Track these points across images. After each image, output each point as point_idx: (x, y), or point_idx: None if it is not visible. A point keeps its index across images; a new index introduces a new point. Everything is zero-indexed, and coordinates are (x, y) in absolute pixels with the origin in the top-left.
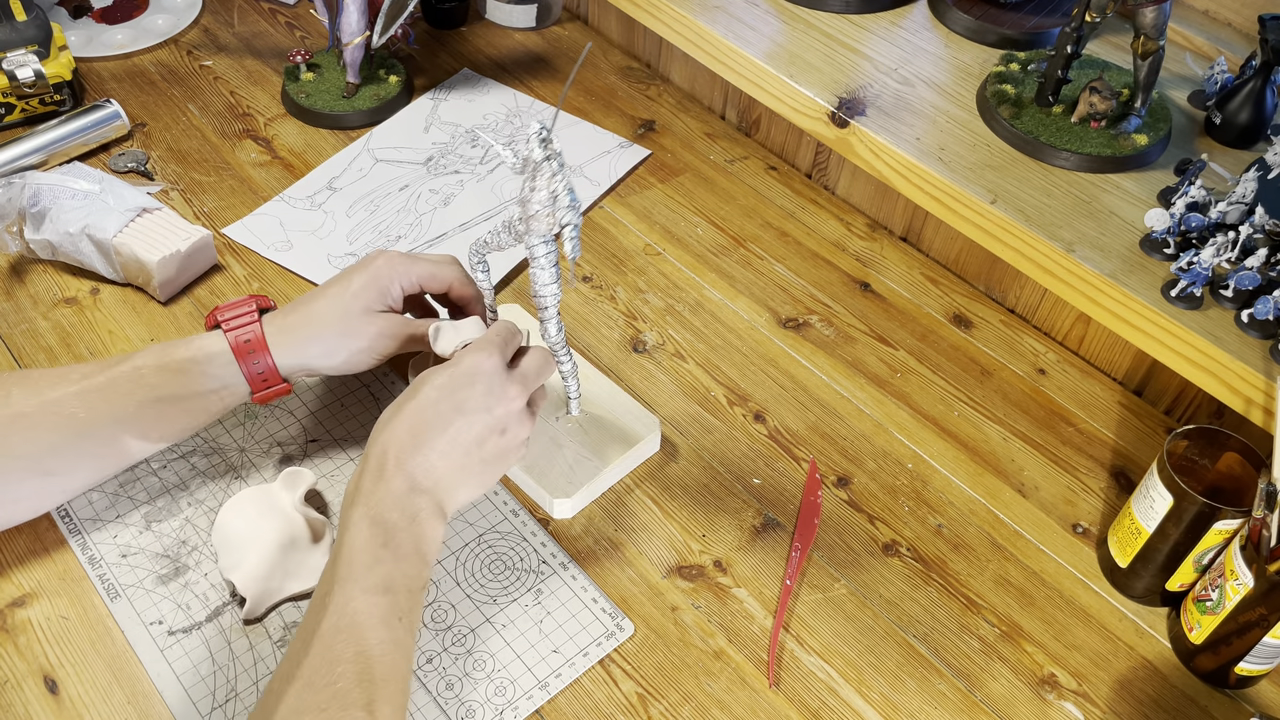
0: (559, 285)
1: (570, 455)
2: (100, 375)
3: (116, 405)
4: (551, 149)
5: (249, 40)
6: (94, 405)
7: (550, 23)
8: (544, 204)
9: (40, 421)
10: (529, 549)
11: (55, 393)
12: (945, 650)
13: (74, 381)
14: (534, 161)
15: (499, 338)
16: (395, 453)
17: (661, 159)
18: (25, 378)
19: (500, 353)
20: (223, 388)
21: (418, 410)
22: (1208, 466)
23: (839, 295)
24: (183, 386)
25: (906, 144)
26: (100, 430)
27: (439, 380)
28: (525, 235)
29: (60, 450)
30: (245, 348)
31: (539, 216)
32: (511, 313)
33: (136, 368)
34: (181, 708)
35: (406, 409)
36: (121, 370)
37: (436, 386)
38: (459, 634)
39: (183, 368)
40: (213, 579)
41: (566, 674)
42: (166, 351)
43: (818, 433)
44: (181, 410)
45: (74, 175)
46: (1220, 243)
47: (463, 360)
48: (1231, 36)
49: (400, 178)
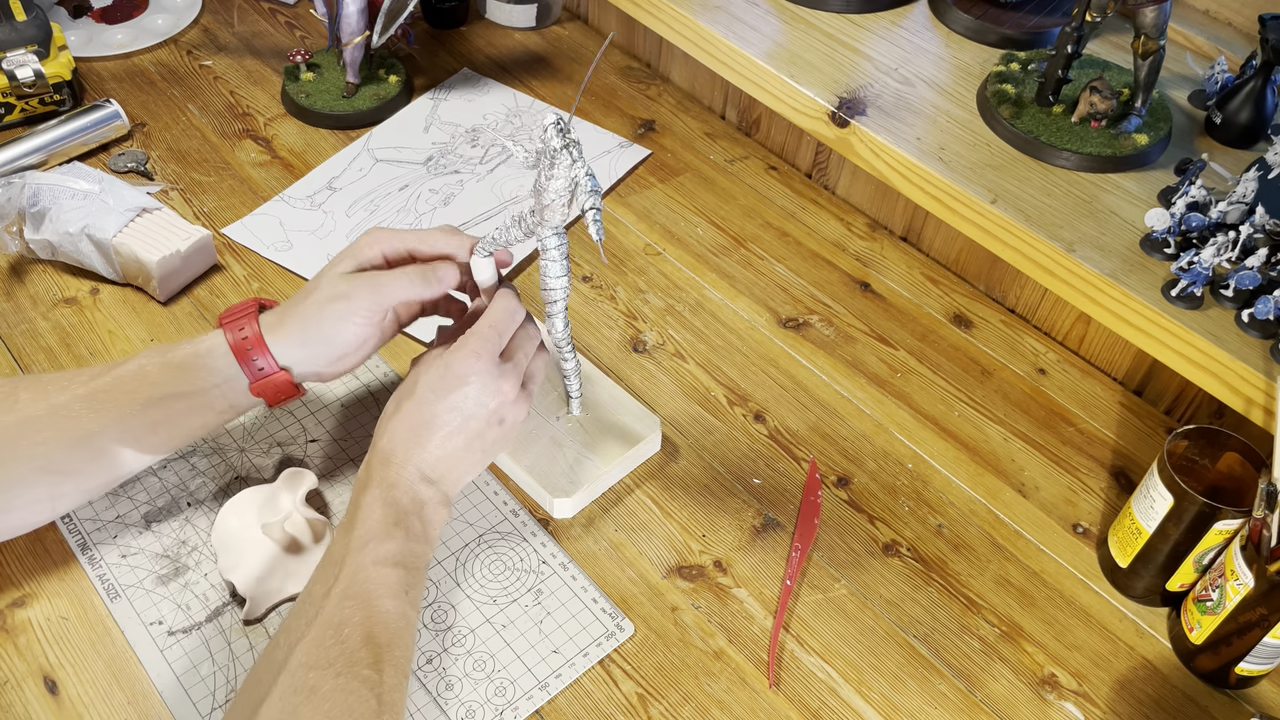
0: (569, 279)
1: (571, 455)
2: (105, 377)
3: (122, 406)
4: (570, 138)
5: (249, 40)
6: (100, 407)
7: (550, 22)
8: (560, 194)
9: (49, 425)
10: (529, 549)
11: (63, 397)
12: (945, 650)
13: (81, 385)
14: (552, 150)
15: (492, 330)
16: (402, 448)
17: (662, 159)
18: (33, 382)
19: (492, 346)
20: (224, 382)
21: (416, 409)
22: (1208, 466)
23: (839, 295)
24: (186, 383)
25: (907, 144)
26: (107, 433)
27: (431, 380)
28: (538, 228)
29: (69, 454)
30: (244, 344)
31: (554, 207)
32: None
33: (141, 367)
34: (181, 708)
35: (405, 408)
36: (126, 370)
37: (431, 387)
38: (459, 634)
39: (184, 364)
40: (213, 579)
41: (566, 674)
42: (169, 350)
43: (818, 433)
44: (187, 407)
45: (74, 175)
46: (1220, 242)
47: (453, 361)
48: (1232, 36)
49: (400, 177)
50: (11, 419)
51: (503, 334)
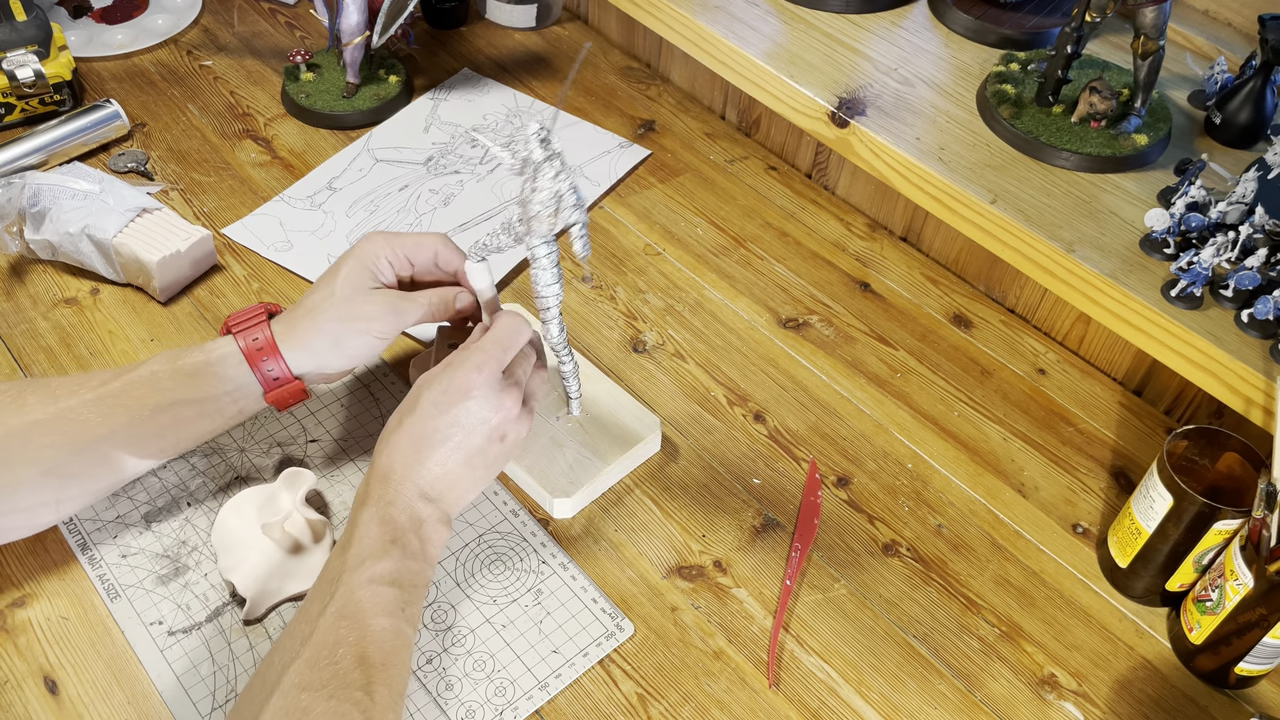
0: (561, 285)
1: (570, 455)
2: (115, 382)
3: (132, 411)
4: (552, 149)
5: (249, 40)
6: (109, 412)
7: (550, 23)
8: (545, 205)
9: (56, 429)
10: (529, 549)
11: (71, 400)
12: (945, 650)
13: (91, 389)
14: (534, 162)
15: (496, 346)
16: (401, 465)
17: (662, 159)
18: (42, 385)
19: (495, 363)
20: (236, 389)
21: (417, 424)
22: (1207, 466)
23: (839, 295)
24: (197, 390)
25: (906, 144)
26: (115, 437)
27: (434, 395)
28: (526, 236)
29: (76, 458)
30: (258, 354)
31: (540, 218)
32: None
33: (153, 373)
34: (181, 708)
35: (406, 424)
36: (138, 375)
37: (433, 402)
38: (459, 634)
39: (196, 371)
40: (213, 579)
41: (566, 674)
42: (180, 356)
43: (818, 433)
44: (196, 413)
45: (74, 175)
46: (1220, 242)
47: (456, 376)
48: (1232, 36)
49: (400, 178)
50: (18, 422)
51: (506, 350)
